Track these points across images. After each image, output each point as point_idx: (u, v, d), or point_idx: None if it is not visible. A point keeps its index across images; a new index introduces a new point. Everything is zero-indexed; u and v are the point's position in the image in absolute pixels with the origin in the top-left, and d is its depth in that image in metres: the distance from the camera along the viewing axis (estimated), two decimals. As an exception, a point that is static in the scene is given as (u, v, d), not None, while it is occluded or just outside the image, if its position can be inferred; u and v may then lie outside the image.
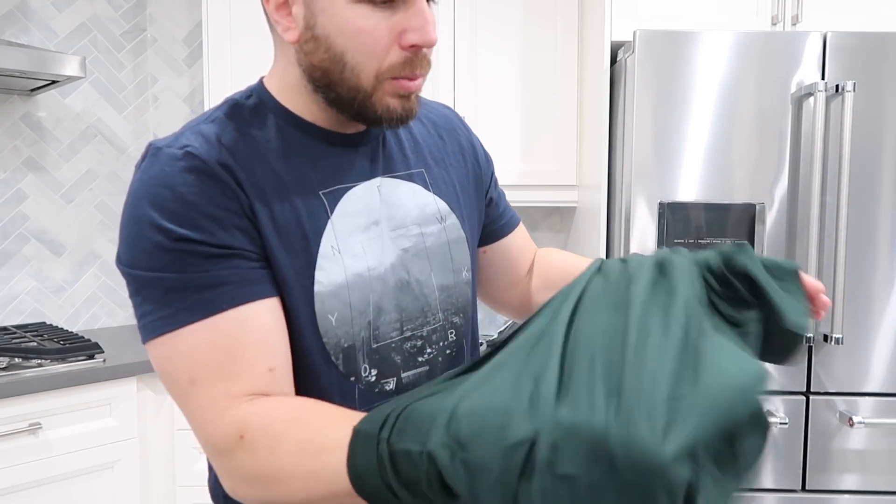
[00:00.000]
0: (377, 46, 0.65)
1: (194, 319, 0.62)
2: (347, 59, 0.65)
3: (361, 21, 0.64)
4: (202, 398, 0.63)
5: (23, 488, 1.68)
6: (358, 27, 0.64)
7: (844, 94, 1.56)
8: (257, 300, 0.65)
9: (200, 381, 0.63)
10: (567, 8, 2.11)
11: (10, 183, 2.16)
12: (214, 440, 0.62)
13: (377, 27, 0.64)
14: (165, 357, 0.65)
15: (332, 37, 0.65)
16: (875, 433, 1.65)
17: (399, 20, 0.64)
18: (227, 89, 2.13)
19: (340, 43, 0.65)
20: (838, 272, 1.58)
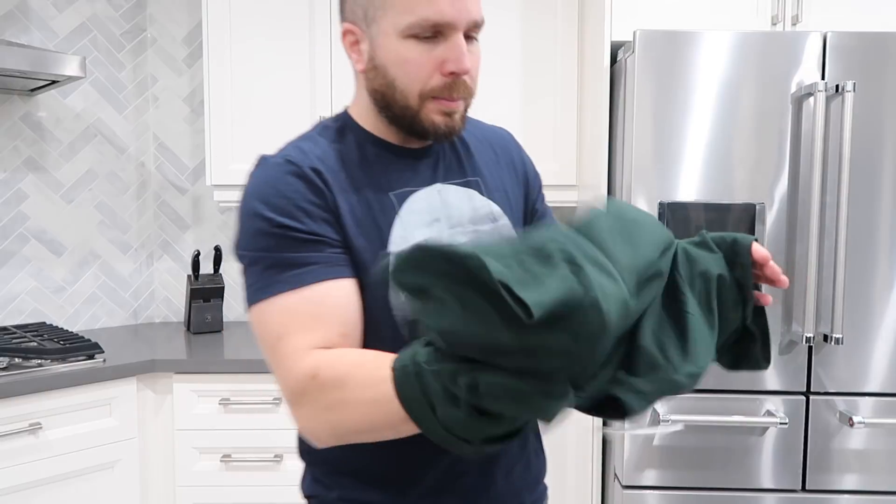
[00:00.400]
0: (421, 73, 0.81)
1: (285, 290, 0.78)
2: (397, 84, 0.82)
3: (407, 53, 0.80)
4: (285, 349, 0.77)
5: (23, 488, 1.68)
6: (405, 58, 0.80)
7: (844, 94, 1.56)
8: (337, 279, 0.80)
9: (285, 336, 0.77)
10: (567, 8, 2.11)
11: (10, 183, 2.16)
12: (292, 384, 0.76)
13: (420, 57, 0.80)
14: (260, 320, 0.81)
15: (387, 66, 0.82)
16: (875, 433, 1.65)
17: (440, 52, 0.80)
18: (227, 89, 2.13)
19: (392, 71, 0.82)
20: (838, 272, 1.58)
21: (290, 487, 1.90)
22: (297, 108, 2.14)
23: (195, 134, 2.45)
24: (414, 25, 0.80)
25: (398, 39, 0.81)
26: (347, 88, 2.29)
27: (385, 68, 0.83)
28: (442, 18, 0.79)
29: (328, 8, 2.11)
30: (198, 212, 2.48)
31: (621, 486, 1.70)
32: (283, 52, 2.13)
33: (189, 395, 1.88)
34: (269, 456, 1.88)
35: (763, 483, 1.66)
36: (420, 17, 0.79)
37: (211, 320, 2.29)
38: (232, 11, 2.13)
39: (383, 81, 0.84)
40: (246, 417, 1.88)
